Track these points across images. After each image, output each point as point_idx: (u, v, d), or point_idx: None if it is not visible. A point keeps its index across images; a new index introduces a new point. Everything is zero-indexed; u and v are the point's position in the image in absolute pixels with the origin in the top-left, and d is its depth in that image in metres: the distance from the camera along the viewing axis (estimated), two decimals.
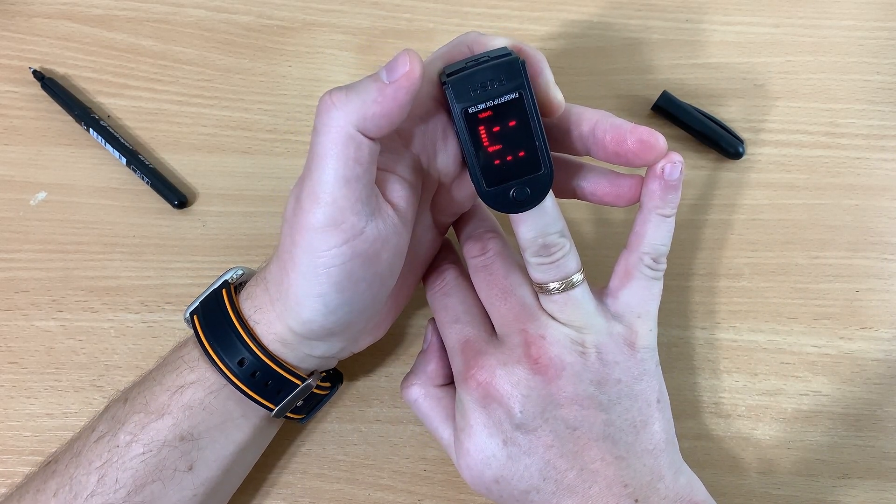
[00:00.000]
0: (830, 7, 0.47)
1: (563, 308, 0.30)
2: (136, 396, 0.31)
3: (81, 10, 0.46)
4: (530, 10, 0.47)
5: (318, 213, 0.27)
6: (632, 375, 0.30)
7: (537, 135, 0.27)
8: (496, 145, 0.27)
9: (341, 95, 0.26)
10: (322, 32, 0.46)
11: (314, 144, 0.27)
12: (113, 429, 0.30)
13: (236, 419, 0.32)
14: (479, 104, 0.27)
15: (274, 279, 0.30)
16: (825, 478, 0.38)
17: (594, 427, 0.29)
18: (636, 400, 0.30)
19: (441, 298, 0.33)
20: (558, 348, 0.29)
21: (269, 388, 0.31)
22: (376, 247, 0.28)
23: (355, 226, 0.27)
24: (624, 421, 0.29)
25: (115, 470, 0.30)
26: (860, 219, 0.42)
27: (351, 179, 0.26)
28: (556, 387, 0.29)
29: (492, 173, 0.28)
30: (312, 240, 0.27)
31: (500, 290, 0.31)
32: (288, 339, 0.31)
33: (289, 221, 0.29)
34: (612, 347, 0.30)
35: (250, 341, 0.30)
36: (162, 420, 0.30)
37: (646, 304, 0.31)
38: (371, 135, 0.26)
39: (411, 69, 0.26)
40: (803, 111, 0.45)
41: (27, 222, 0.41)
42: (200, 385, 0.31)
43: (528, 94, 0.27)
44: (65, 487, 0.30)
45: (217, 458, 0.31)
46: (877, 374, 0.39)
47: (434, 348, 0.34)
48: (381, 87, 0.26)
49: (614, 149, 0.29)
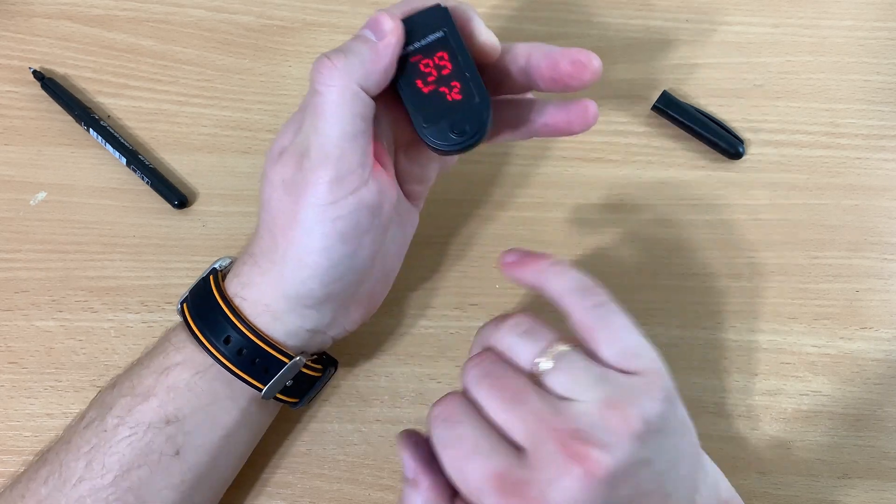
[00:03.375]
0: (830, 7, 0.47)
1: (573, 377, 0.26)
2: (124, 381, 0.32)
3: (81, 10, 0.46)
4: (530, 10, 0.47)
5: (329, 166, 0.28)
6: (666, 416, 0.26)
7: (467, 68, 0.29)
8: (431, 86, 0.29)
9: (341, 56, 0.28)
10: (322, 32, 0.46)
11: (317, 104, 0.28)
12: (101, 414, 0.31)
13: (223, 400, 0.31)
14: (407, 47, 0.29)
15: (265, 249, 0.31)
16: (825, 478, 0.38)
17: (645, 484, 0.26)
18: (672, 436, 0.27)
19: (448, 430, 0.27)
20: (596, 434, 0.25)
21: (256, 366, 0.31)
22: (378, 198, 0.30)
23: (361, 176, 0.29)
24: (666, 462, 0.26)
25: (102, 454, 0.30)
26: (860, 219, 0.42)
27: (357, 134, 0.28)
28: (611, 477, 0.24)
29: (428, 111, 0.29)
30: (321, 193, 0.28)
31: (512, 394, 0.26)
32: (279, 309, 0.31)
33: (289, 182, 0.29)
34: (646, 404, 0.26)
35: (235, 319, 0.31)
36: (147, 402, 0.30)
37: (629, 341, 0.27)
38: (371, 92, 0.29)
39: (395, 28, 0.29)
40: (803, 111, 0.45)
41: (27, 222, 0.41)
42: (186, 366, 0.31)
43: (452, 31, 0.29)
44: (55, 474, 0.30)
45: (204, 443, 0.31)
46: (877, 374, 0.39)
47: (427, 486, 0.27)
48: (373, 46, 0.28)
49: (550, 74, 0.30)
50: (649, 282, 0.41)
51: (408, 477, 0.28)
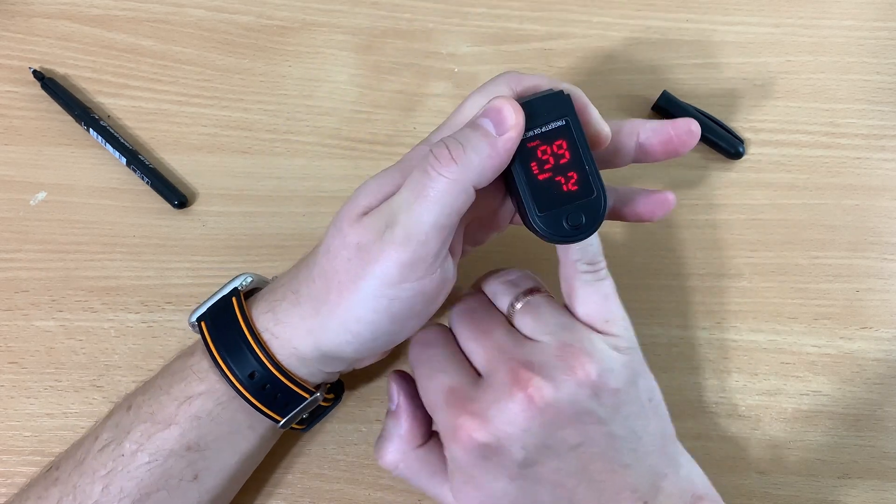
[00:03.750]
0: (830, 7, 0.47)
1: (539, 318, 0.29)
2: (142, 405, 0.31)
3: (81, 10, 0.46)
4: (530, 10, 0.47)
5: (409, 250, 0.27)
6: (625, 380, 0.28)
7: (587, 160, 0.28)
8: (547, 174, 0.28)
9: (460, 150, 0.27)
10: (322, 32, 0.46)
11: (423, 186, 0.27)
12: (118, 437, 0.30)
13: (243, 430, 0.32)
14: (527, 132, 0.28)
15: (314, 295, 0.30)
16: (825, 478, 0.38)
17: (597, 441, 0.28)
18: (632, 405, 0.29)
19: (422, 350, 0.31)
20: (546, 369, 0.27)
21: (277, 401, 0.31)
22: (439, 288, 0.29)
23: (432, 266, 0.28)
24: (625, 429, 0.28)
25: (120, 479, 0.30)
26: (860, 219, 0.42)
27: (447, 226, 0.27)
28: (553, 411, 0.27)
29: (544, 201, 0.28)
30: (391, 272, 0.27)
31: (482, 328, 0.30)
32: (309, 356, 0.31)
33: (364, 246, 0.28)
34: (601, 356, 0.28)
35: (262, 355, 0.30)
36: (169, 430, 0.30)
37: (605, 307, 0.29)
38: (479, 187, 0.27)
39: (518, 122, 0.27)
40: (803, 111, 0.45)
41: (27, 222, 0.41)
42: (209, 396, 0.31)
43: (574, 120, 0.28)
44: (68, 496, 0.30)
45: (223, 468, 0.32)
46: (877, 374, 0.39)
47: (404, 408, 0.32)
48: (493, 143, 0.27)
49: (664, 148, 0.32)
50: (649, 282, 0.41)
51: (391, 409, 0.32)
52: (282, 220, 0.42)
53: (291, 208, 0.42)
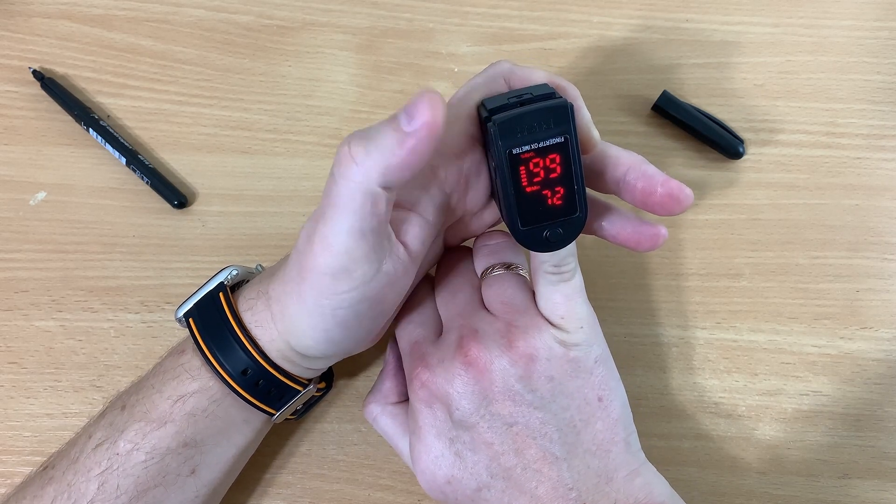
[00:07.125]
0: (830, 7, 0.47)
1: (501, 293, 0.30)
2: (136, 404, 0.31)
3: (81, 10, 0.46)
4: (530, 10, 0.47)
5: (330, 260, 0.26)
6: (565, 373, 0.29)
7: (577, 178, 0.27)
8: (535, 187, 0.27)
9: (360, 150, 0.25)
10: (322, 32, 0.46)
11: (331, 193, 0.26)
12: (112, 436, 0.30)
13: (238, 424, 0.32)
14: (524, 146, 0.26)
15: (278, 298, 0.30)
16: (825, 478, 0.38)
17: (530, 424, 0.28)
18: (573, 398, 0.29)
19: (407, 302, 0.33)
20: (488, 341, 0.29)
21: (271, 395, 0.31)
22: (385, 290, 0.28)
23: (366, 273, 0.27)
24: (561, 420, 0.28)
25: (117, 477, 0.30)
26: (860, 219, 0.42)
27: (366, 231, 0.26)
28: (487, 381, 0.28)
29: (528, 214, 0.27)
30: (321, 283, 0.27)
31: (454, 289, 0.32)
32: (289, 356, 0.31)
33: (299, 256, 0.28)
34: (541, 343, 0.29)
35: (254, 351, 0.30)
36: (164, 428, 0.30)
37: (564, 306, 0.29)
38: (390, 186, 0.25)
39: (433, 119, 0.23)
40: (803, 111, 0.45)
41: (27, 222, 0.41)
42: (203, 394, 0.31)
43: (573, 138, 0.26)
44: (63, 494, 0.30)
45: (219, 461, 0.32)
46: (877, 374, 0.39)
47: (391, 366, 0.34)
48: (400, 138, 0.24)
49: (643, 198, 0.30)
50: (649, 282, 0.41)
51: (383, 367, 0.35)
52: (282, 220, 0.42)
53: (291, 208, 0.42)
